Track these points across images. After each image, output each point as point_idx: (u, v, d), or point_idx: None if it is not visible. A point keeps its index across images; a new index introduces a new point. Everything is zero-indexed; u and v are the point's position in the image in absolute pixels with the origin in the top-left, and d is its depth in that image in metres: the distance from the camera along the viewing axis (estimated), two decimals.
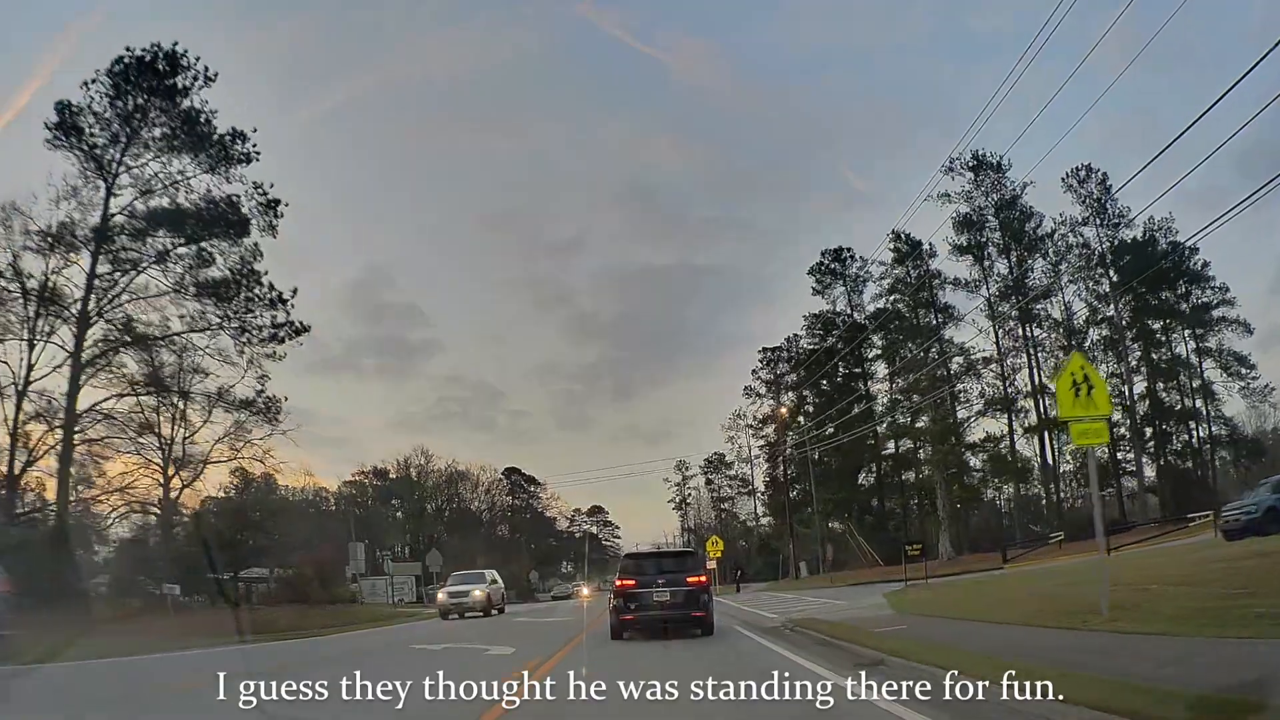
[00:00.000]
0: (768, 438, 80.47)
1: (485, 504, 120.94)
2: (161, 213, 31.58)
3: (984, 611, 16.65)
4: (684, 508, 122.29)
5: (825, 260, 64.09)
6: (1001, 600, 18.60)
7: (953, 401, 51.97)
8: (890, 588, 29.66)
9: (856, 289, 63.72)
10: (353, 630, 27.57)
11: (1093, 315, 59.88)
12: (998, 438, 54.78)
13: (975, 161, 59.77)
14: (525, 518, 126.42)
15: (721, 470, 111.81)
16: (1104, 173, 57.53)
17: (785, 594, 36.65)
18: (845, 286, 63.98)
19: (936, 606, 19.52)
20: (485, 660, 14.17)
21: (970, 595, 21.75)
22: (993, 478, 54.78)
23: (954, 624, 15.52)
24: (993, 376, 55.75)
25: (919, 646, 11.28)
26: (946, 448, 49.79)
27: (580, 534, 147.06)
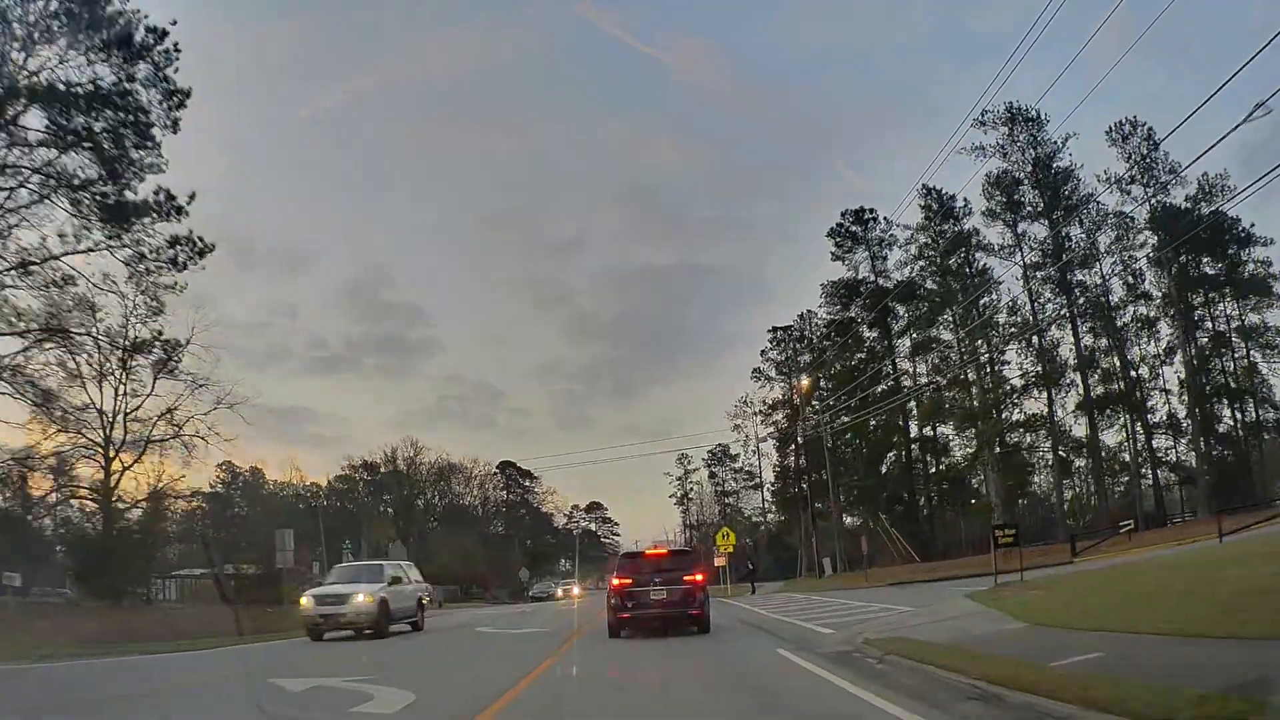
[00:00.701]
0: (778, 424, 73.69)
1: (478, 499, 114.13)
2: (49, 92, 24.40)
3: (1191, 621, 9.73)
4: (686, 503, 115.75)
5: (845, 222, 57.26)
6: (1185, 598, 11.61)
7: (993, 372, 45.03)
8: (959, 587, 22.78)
9: (880, 254, 56.88)
10: (216, 646, 19.45)
11: (1133, 287, 52.80)
12: (1040, 417, 47.74)
13: (1010, 115, 52.96)
14: (520, 514, 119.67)
15: (725, 463, 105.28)
16: (1149, 126, 50.72)
17: (818, 596, 29.80)
18: (868, 251, 57.11)
19: (1079, 613, 12.51)
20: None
21: (1110, 593, 14.76)
22: (1047, 456, 47.45)
23: (1171, 645, 8.65)
24: (1032, 354, 48.65)
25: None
26: (993, 422, 42.79)
27: (579, 531, 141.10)
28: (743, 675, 9.94)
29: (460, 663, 14.55)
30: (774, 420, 73.43)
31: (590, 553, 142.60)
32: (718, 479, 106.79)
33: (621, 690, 9.67)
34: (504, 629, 21.97)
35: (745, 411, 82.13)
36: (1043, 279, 50.87)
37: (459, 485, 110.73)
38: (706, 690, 9.12)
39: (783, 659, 11.37)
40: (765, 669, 10.57)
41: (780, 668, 10.58)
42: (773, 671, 10.26)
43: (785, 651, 12.29)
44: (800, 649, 12.55)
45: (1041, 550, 35.89)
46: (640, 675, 10.67)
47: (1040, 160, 52.97)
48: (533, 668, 11.47)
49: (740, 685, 9.13)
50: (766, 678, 9.66)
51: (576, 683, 10.45)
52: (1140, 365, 52.92)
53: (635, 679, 10.34)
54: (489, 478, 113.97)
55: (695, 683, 9.80)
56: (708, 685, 9.47)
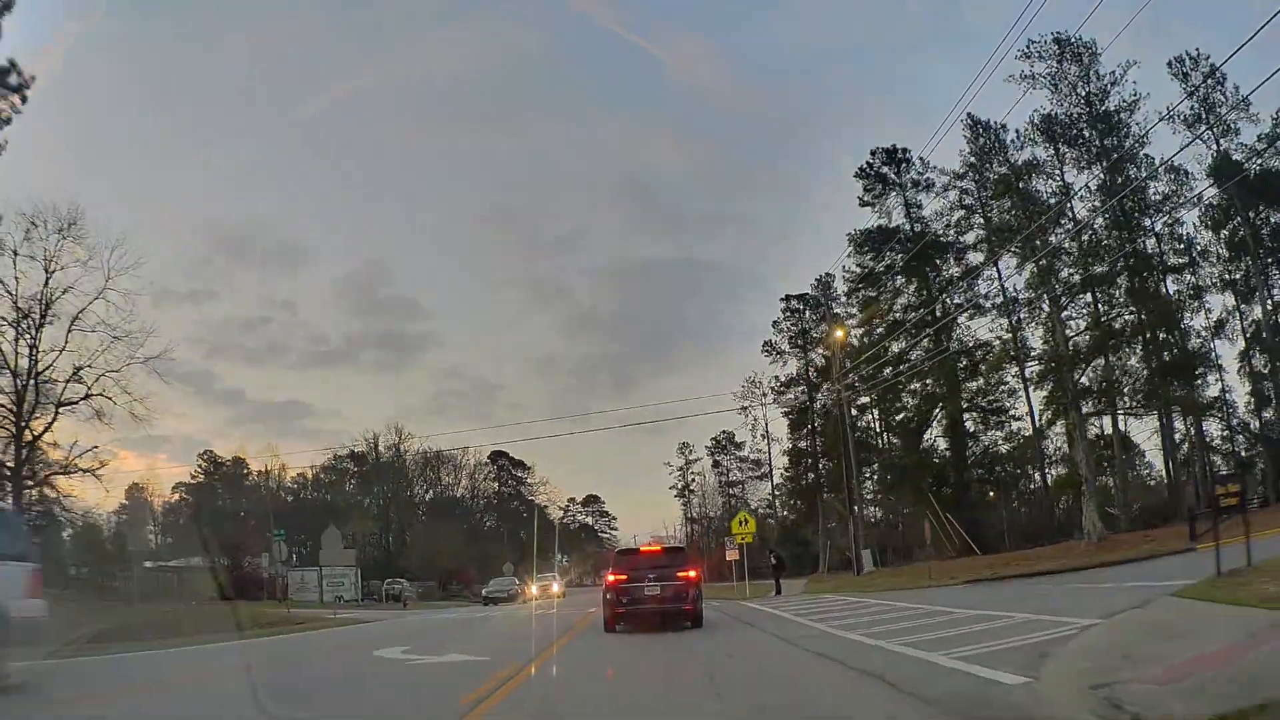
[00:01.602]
0: (793, 402, 65.33)
1: (468, 490, 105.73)
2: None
3: None
4: (687, 495, 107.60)
5: (875, 162, 48.96)
6: None
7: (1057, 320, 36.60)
8: (1094, 582, 14.53)
9: (914, 201, 48.59)
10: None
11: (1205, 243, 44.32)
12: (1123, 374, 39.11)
13: (1059, 47, 44.63)
14: (513, 506, 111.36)
15: (730, 451, 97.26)
16: (1214, 62, 42.22)
17: (876, 599, 21.79)
18: (902, 196, 48.84)
19: None
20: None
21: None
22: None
23: None
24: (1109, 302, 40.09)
25: None
26: (1078, 371, 34.20)
27: (569, 520, 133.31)
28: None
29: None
30: (788, 398, 65.08)
31: (588, 548, 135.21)
32: (721, 468, 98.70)
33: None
34: (409, 654, 13.68)
35: (753, 393, 73.89)
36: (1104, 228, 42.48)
37: (448, 476, 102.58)
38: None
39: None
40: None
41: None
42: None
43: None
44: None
45: (1146, 535, 27.75)
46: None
47: (1093, 96, 44.62)
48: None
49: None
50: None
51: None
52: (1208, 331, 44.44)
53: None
54: (479, 468, 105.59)
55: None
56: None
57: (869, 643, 11.50)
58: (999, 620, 12.39)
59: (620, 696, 8.61)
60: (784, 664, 10.24)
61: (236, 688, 9.93)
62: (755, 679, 9.07)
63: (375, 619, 30.69)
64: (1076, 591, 16.48)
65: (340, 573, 55.24)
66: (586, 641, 14.96)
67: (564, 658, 12.47)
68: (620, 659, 12.07)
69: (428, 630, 20.80)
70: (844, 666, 9.20)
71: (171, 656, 15.44)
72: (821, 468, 62.54)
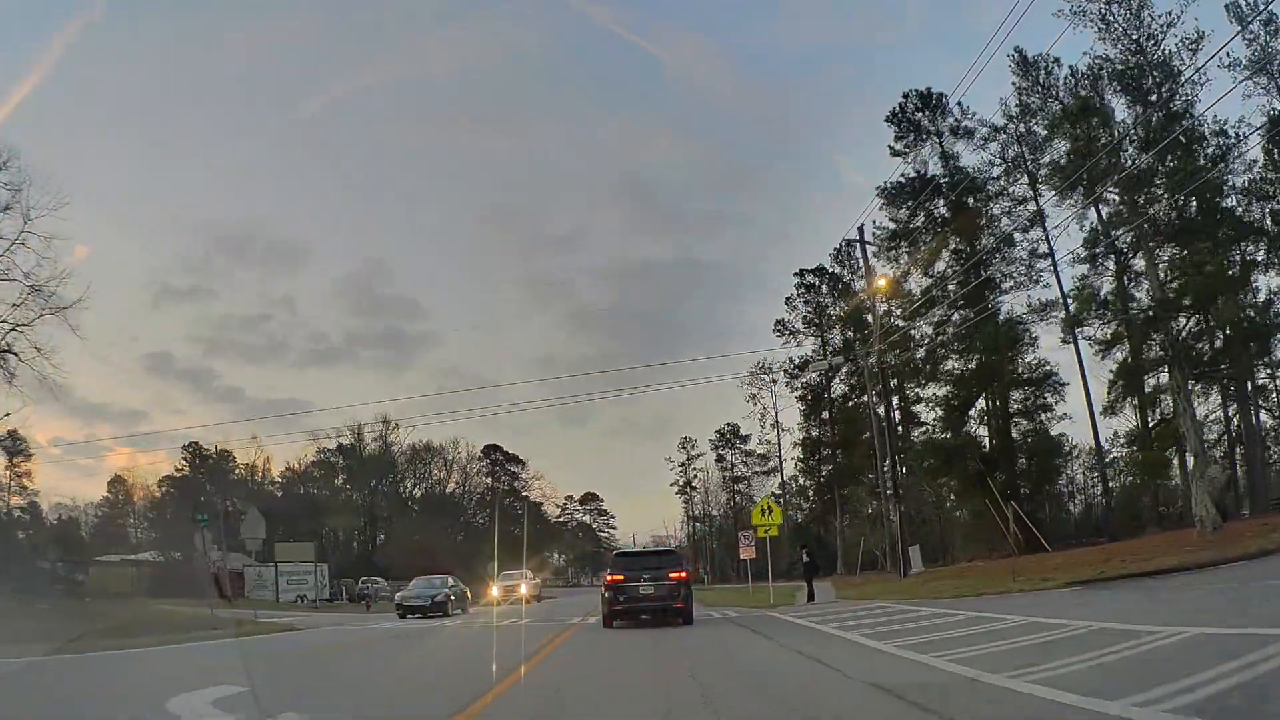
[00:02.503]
0: (809, 384, 58.89)
1: (460, 485, 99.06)
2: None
3: None
4: (689, 492, 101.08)
5: (909, 106, 42.51)
6: None
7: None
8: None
9: (952, 152, 42.11)
10: None
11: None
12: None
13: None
14: (507, 502, 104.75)
15: (735, 444, 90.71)
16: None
17: (967, 609, 15.56)
18: (938, 144, 42.39)
19: None
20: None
21: None
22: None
23: None
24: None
25: None
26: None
27: (573, 524, 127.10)
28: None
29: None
30: (804, 380, 58.57)
31: (589, 547, 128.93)
32: (726, 463, 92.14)
33: None
34: (217, 714, 7.29)
35: (763, 379, 67.43)
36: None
37: (439, 470, 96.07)
38: None
39: None
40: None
41: None
42: None
43: None
44: None
45: (1263, 522, 21.32)
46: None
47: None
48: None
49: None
50: None
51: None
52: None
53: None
54: (472, 462, 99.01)
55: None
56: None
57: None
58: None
59: None
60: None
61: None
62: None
63: (312, 625, 24.22)
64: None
65: (304, 569, 48.92)
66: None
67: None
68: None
69: (306, 660, 14.26)
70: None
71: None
72: (840, 457, 56.11)
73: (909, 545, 27.49)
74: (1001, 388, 35.12)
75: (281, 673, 11.43)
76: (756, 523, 24.09)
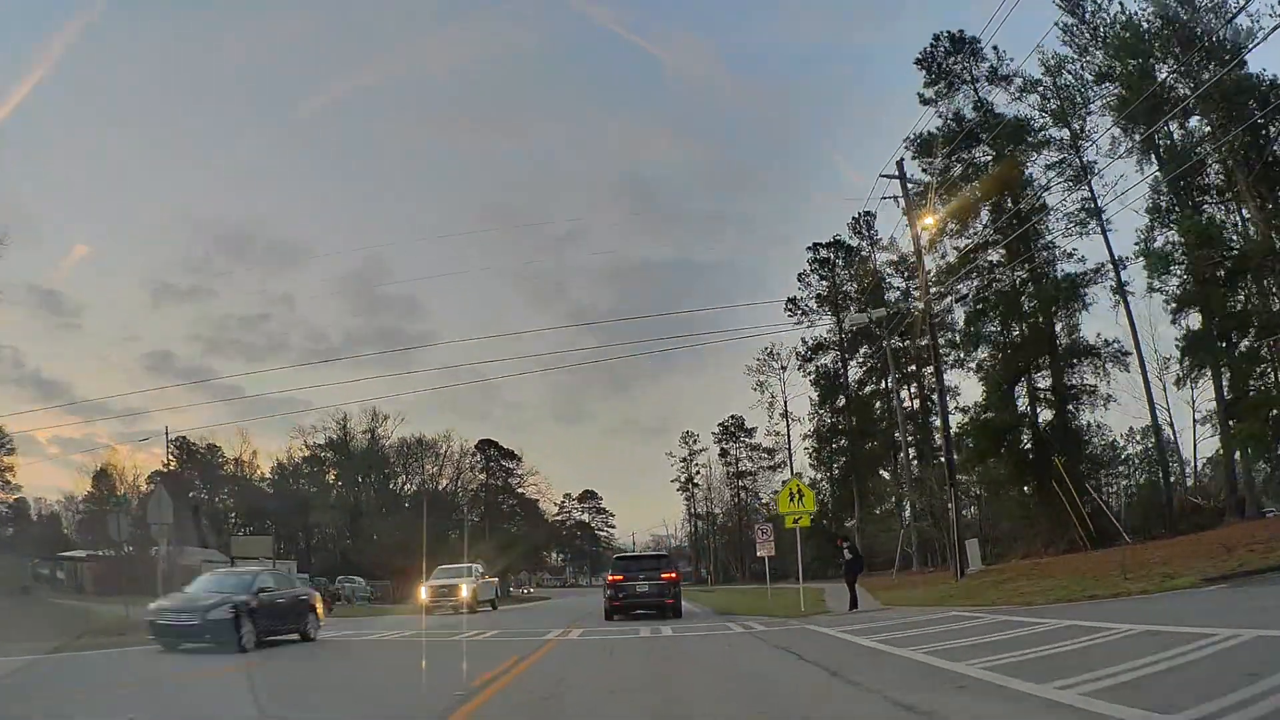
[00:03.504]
0: (822, 371, 53.81)
1: (452, 481, 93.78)
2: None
3: None
4: (691, 488, 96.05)
5: (939, 49, 37.48)
6: None
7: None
8: None
9: (986, 102, 37.04)
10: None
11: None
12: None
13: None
14: (501, 500, 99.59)
15: (740, 438, 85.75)
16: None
17: (1218, 629, 9.88)
18: (973, 91, 37.37)
19: None
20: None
21: None
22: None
23: None
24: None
25: None
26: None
27: (571, 523, 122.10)
28: None
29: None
30: (819, 365, 53.48)
31: (588, 547, 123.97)
32: (730, 457, 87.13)
33: None
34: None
35: (770, 366, 62.39)
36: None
37: (431, 466, 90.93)
38: None
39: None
40: None
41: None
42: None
43: None
44: None
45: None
46: None
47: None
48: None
49: None
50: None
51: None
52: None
53: None
54: (465, 457, 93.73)
55: None
56: None
57: None
58: None
59: None
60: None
61: None
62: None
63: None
64: None
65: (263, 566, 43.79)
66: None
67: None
68: None
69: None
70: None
71: None
72: (857, 447, 50.98)
73: (965, 539, 22.36)
74: (1058, 357, 29.94)
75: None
76: (784, 510, 18.99)
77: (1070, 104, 34.67)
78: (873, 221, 47.98)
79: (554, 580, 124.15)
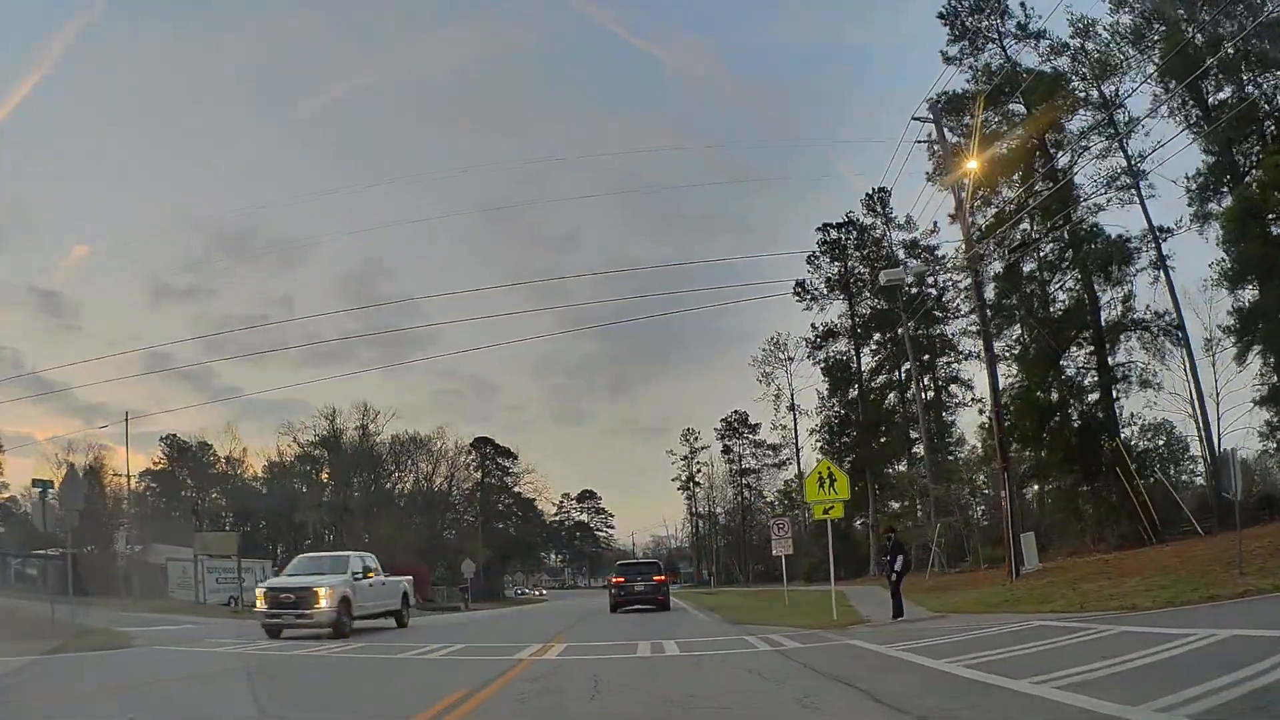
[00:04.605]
0: (833, 359, 50.47)
1: (446, 479, 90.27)
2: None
3: None
4: (692, 487, 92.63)
5: (964, 2, 34.24)
6: None
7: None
8: None
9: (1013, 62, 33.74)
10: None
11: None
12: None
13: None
14: (497, 499, 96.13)
15: (743, 434, 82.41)
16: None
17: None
18: (1000, 49, 34.04)
19: None
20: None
21: None
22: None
23: None
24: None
25: None
26: None
27: (570, 523, 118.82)
28: None
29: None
30: (830, 353, 50.11)
31: (587, 548, 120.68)
32: (732, 454, 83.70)
33: None
34: None
35: (778, 356, 59.06)
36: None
37: (425, 464, 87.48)
38: None
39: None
40: None
41: None
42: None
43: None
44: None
45: None
46: None
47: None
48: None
49: None
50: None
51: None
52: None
53: None
54: (460, 455, 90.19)
55: None
56: None
57: None
58: None
59: None
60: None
61: None
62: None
63: (162, 642, 15.66)
64: None
65: (244, 566, 40.34)
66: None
67: None
68: None
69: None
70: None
71: None
72: (872, 438, 47.60)
73: (1020, 533, 18.92)
74: (1110, 329, 26.50)
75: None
76: (812, 498, 15.55)
77: (1105, 65, 31.40)
78: (888, 198, 44.71)
79: (553, 581, 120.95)
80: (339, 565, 18.04)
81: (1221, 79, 28.52)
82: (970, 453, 42.16)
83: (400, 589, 20.52)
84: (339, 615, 16.05)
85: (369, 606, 18.07)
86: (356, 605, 17.06)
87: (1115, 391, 26.61)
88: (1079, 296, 27.14)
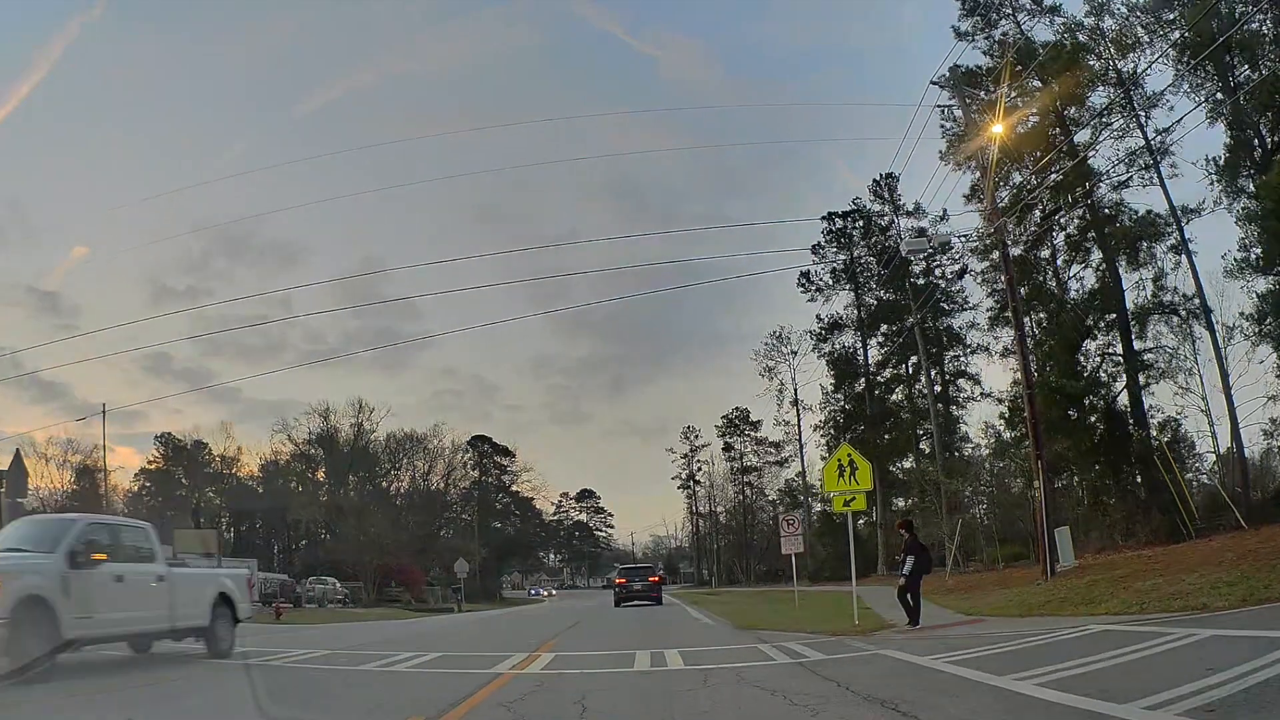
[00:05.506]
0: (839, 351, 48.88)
1: (442, 478, 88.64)
2: None
3: None
4: (692, 486, 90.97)
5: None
6: None
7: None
8: None
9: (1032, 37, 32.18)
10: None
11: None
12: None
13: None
14: (494, 498, 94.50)
15: (745, 431, 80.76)
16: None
17: None
18: (1014, 24, 32.46)
19: None
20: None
21: None
22: None
23: None
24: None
25: None
26: None
27: (569, 522, 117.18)
28: None
29: None
30: (835, 345, 48.49)
31: (586, 548, 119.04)
32: (734, 452, 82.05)
33: None
34: None
35: (780, 351, 57.43)
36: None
37: (421, 462, 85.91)
38: None
39: None
40: None
41: None
42: None
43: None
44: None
45: None
46: None
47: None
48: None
49: None
50: None
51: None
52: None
53: None
54: (457, 453, 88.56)
55: None
56: None
57: None
58: None
59: None
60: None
61: None
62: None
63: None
64: None
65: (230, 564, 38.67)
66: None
67: None
68: None
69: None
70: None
71: None
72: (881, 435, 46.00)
73: (1055, 528, 17.22)
74: (1136, 314, 24.90)
75: None
76: (831, 488, 13.76)
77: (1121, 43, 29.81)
78: (896, 184, 43.12)
79: (552, 582, 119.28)
80: (47, 537, 9.46)
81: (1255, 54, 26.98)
82: (976, 449, 40.57)
83: (211, 590, 11.55)
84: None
85: (109, 620, 9.48)
86: (71, 617, 8.73)
87: (1143, 378, 25.02)
88: (1103, 278, 25.51)
